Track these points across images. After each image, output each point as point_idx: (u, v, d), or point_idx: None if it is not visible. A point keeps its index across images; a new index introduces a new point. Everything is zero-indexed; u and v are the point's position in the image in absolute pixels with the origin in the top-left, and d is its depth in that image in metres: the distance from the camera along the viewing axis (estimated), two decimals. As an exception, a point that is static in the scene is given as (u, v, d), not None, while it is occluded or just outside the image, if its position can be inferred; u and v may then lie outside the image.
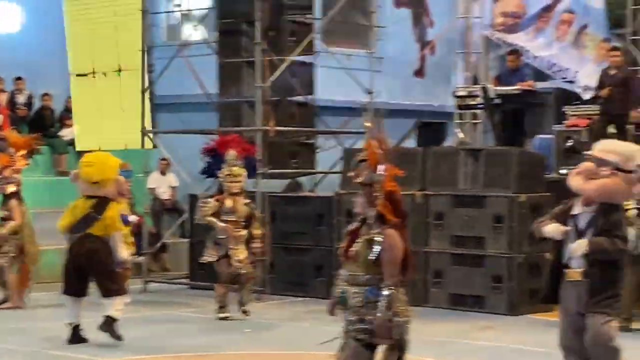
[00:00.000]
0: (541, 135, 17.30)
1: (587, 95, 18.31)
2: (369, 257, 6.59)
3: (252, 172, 13.78)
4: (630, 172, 7.30)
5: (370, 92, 16.50)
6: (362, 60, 17.37)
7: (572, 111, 17.25)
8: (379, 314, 6.53)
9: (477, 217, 13.75)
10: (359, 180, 6.70)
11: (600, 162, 7.33)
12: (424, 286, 13.98)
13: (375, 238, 6.61)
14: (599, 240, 7.24)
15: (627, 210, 11.50)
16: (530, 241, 13.41)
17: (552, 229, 7.45)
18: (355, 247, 6.70)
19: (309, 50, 16.05)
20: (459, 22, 19.43)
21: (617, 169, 7.27)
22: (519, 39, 19.71)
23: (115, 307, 10.75)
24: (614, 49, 16.33)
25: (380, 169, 6.61)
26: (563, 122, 17.12)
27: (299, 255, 14.89)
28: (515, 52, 17.19)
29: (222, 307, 12.78)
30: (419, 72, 21.39)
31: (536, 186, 13.91)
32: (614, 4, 19.79)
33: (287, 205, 15.27)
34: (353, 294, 6.66)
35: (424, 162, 14.38)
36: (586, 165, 7.43)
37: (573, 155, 14.94)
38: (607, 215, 7.28)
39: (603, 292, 7.20)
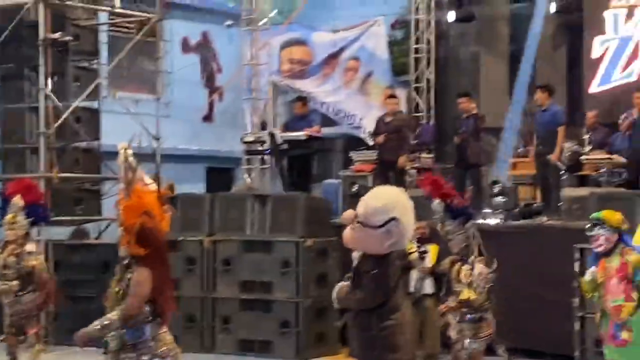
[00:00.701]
0: (328, 181, 17.57)
1: (372, 141, 18.75)
2: (116, 301, 6.47)
3: (39, 220, 13.30)
4: (375, 227, 7.15)
5: (157, 138, 16.39)
6: (150, 106, 17.25)
7: (358, 156, 17.62)
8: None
9: (265, 262, 13.78)
10: (119, 222, 6.61)
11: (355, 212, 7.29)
12: (212, 332, 13.90)
13: (126, 278, 6.50)
14: (342, 292, 7.19)
15: (410, 253, 11.78)
16: (318, 285, 13.60)
17: (335, 291, 7.39)
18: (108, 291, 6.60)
19: (95, 95, 15.83)
20: (246, 68, 19.59)
21: (361, 223, 7.14)
22: (306, 86, 20.07)
23: None
24: (391, 96, 16.71)
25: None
26: (350, 167, 17.46)
27: (84, 303, 14.52)
28: (302, 98, 17.42)
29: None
30: (208, 118, 21.40)
31: (323, 231, 14.07)
32: (398, 53, 20.42)
33: (71, 252, 14.92)
34: (111, 337, 6.51)
35: (212, 207, 14.33)
36: (347, 214, 7.35)
37: (358, 200, 15.17)
38: (363, 261, 7.22)
39: (368, 341, 7.14)
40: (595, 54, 18.31)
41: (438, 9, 19.72)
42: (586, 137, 16.43)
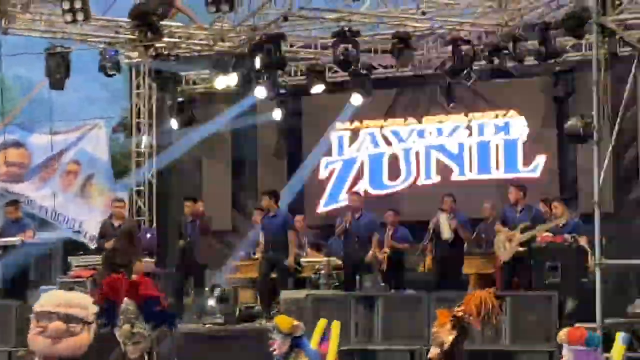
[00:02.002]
0: (45, 287, 17.02)
1: (93, 245, 18.42)
2: None
3: None
4: (90, 323, 6.96)
5: None
6: None
7: (77, 262, 17.21)
8: None
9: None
10: None
11: (68, 318, 6.91)
12: None
13: None
14: None
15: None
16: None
17: None
18: None
19: None
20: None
21: (85, 322, 6.93)
22: (24, 189, 19.54)
23: None
24: (117, 200, 16.55)
25: None
26: (68, 272, 17.02)
27: None
28: (14, 202, 16.93)
29: None
30: None
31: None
32: (119, 156, 20.28)
33: None
34: None
35: None
36: (55, 325, 6.89)
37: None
38: None
39: None
40: (322, 175, 18.83)
41: (160, 113, 19.74)
42: (305, 240, 16.80)
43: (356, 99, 17.80)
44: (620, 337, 8.63)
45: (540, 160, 17.43)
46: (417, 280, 15.81)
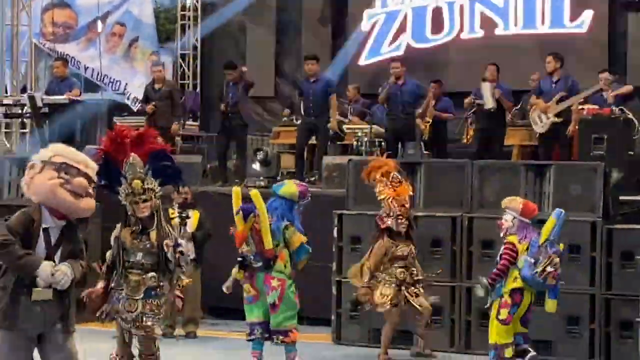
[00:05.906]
0: (91, 146, 17.19)
1: (136, 107, 18.54)
2: None
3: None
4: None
5: None
6: None
7: (121, 122, 17.34)
8: None
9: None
10: None
11: (89, 177, 6.67)
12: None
13: None
14: (74, 266, 6.55)
15: (172, 219, 11.52)
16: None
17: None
18: None
19: None
20: (7, 29, 18.83)
21: (95, 184, 6.72)
22: (69, 49, 19.58)
23: None
24: (155, 64, 16.54)
25: None
26: (114, 133, 17.15)
27: None
28: (62, 59, 17.00)
29: None
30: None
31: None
32: (164, 19, 20.23)
33: None
34: None
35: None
36: (80, 181, 6.54)
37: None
38: (74, 228, 6.68)
39: (68, 310, 6.65)
40: (364, 27, 18.64)
41: (206, -21, 19.64)
42: (348, 107, 16.79)
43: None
44: (554, 212, 9.19)
45: (587, 15, 17.05)
46: (459, 151, 15.76)
